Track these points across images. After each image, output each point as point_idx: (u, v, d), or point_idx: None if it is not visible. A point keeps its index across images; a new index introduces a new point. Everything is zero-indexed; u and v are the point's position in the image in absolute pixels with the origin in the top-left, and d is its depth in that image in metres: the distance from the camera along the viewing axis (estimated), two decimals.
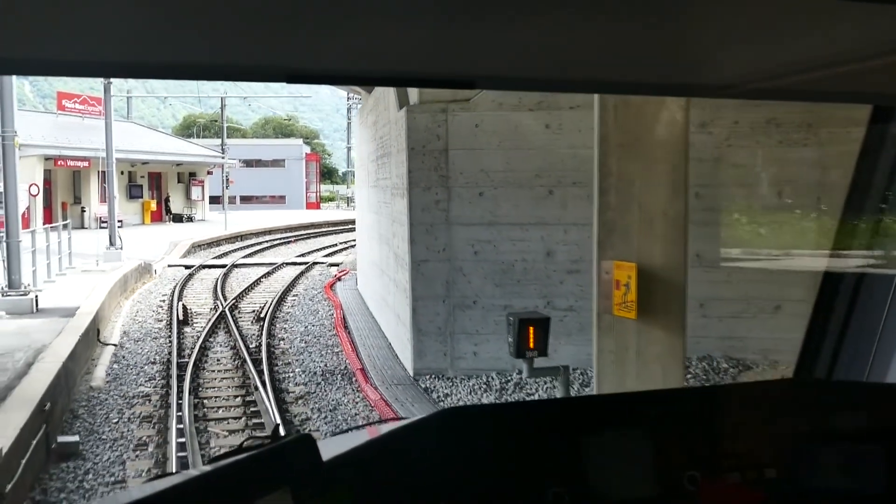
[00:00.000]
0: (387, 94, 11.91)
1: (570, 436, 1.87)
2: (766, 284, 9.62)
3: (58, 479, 6.78)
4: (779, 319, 9.61)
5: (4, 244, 12.23)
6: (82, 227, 30.60)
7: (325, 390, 9.64)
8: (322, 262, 23.38)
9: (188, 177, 43.58)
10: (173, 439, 7.64)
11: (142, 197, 39.67)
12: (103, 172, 26.64)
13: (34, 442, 6.65)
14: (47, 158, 30.33)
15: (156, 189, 41.56)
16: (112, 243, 21.41)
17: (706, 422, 1.98)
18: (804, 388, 2.27)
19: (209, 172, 45.25)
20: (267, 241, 31.06)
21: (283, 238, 32.66)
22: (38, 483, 6.65)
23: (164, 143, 43.44)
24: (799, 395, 2.15)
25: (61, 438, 7.36)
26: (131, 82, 48.85)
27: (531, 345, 6.42)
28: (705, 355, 9.66)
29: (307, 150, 60.46)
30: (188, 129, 60.45)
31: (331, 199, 67.01)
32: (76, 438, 7.49)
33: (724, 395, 2.20)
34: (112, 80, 24.44)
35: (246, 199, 56.13)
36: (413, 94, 10.24)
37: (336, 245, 28.53)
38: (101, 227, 30.26)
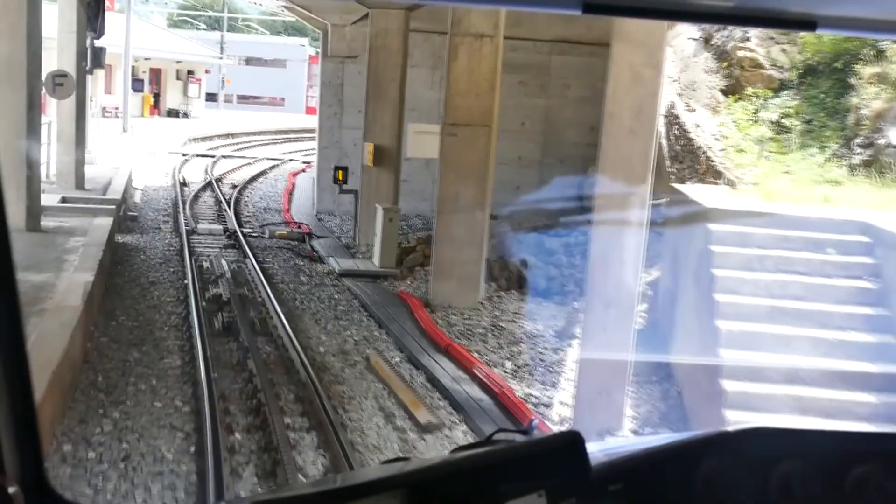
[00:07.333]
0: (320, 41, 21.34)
1: (887, 476, 1.77)
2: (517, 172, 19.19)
3: (131, 222, 16.67)
4: (518, 193, 19.27)
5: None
6: None
7: (264, 215, 19.54)
8: (298, 160, 32.85)
9: (186, 74, 51.21)
10: (181, 222, 17.46)
11: (143, 91, 47.61)
12: (109, 66, 35.79)
13: (123, 207, 16.55)
14: None
15: (155, 84, 49.97)
16: (125, 130, 31.19)
17: None
18: None
19: (207, 71, 53.33)
20: (256, 141, 39.45)
21: (272, 139, 40.86)
22: (122, 223, 16.53)
23: (164, 39, 50.72)
24: None
25: (129, 213, 17.25)
26: None
27: (340, 178, 16.22)
28: None
29: (311, 51, 58.46)
30: (183, 19, 65.12)
31: None
32: (136, 213, 17.45)
33: None
34: None
35: (243, 99, 59.17)
36: (328, 48, 19.71)
37: None
38: (103, 117, 38.81)
